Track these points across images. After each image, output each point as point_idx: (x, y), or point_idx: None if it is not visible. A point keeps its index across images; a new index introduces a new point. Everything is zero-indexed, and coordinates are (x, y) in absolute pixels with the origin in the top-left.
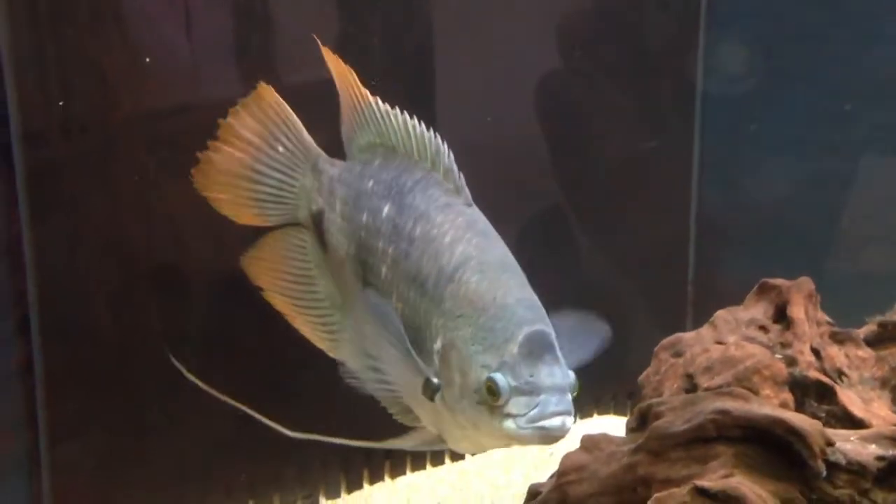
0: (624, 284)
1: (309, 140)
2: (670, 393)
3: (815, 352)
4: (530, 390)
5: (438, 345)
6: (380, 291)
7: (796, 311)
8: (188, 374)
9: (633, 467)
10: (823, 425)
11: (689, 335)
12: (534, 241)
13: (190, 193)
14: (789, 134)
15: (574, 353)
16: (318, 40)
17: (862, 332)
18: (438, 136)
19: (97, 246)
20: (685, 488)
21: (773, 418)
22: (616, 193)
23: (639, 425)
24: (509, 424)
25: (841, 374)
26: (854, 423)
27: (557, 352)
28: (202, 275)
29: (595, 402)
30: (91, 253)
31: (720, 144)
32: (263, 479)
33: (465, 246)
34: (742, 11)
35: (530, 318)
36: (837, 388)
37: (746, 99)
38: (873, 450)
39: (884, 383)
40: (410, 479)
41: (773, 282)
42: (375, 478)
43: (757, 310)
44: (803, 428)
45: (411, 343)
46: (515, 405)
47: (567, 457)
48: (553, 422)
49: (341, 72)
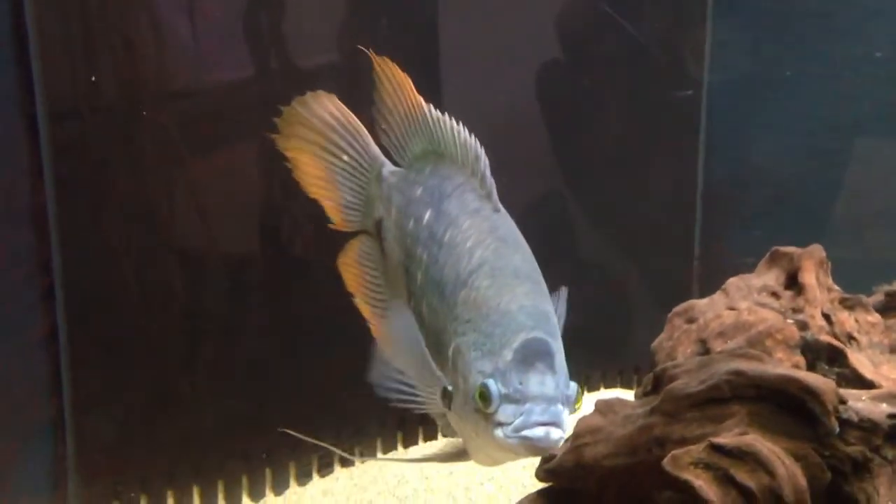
0: (630, 260)
1: (375, 149)
2: (683, 358)
3: (826, 317)
4: (518, 398)
5: (451, 350)
6: (415, 298)
7: (807, 277)
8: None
9: (649, 428)
10: None
11: (702, 302)
12: (540, 218)
13: (211, 167)
14: (795, 110)
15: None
16: (368, 51)
17: (870, 301)
18: (478, 141)
19: (121, 217)
20: (701, 445)
21: (787, 377)
22: (622, 170)
23: (653, 388)
24: (498, 433)
25: (851, 338)
26: (864, 384)
27: (554, 361)
28: (223, 245)
29: (602, 377)
30: (115, 224)
31: (726, 121)
32: (280, 446)
33: (482, 251)
34: None
35: (529, 326)
36: (848, 351)
37: (754, 75)
38: (885, 408)
39: (892, 350)
40: (423, 448)
41: (784, 249)
42: (388, 447)
43: (769, 276)
44: (817, 386)
45: (435, 349)
46: (503, 413)
47: (582, 420)
48: (535, 432)
49: (399, 79)
